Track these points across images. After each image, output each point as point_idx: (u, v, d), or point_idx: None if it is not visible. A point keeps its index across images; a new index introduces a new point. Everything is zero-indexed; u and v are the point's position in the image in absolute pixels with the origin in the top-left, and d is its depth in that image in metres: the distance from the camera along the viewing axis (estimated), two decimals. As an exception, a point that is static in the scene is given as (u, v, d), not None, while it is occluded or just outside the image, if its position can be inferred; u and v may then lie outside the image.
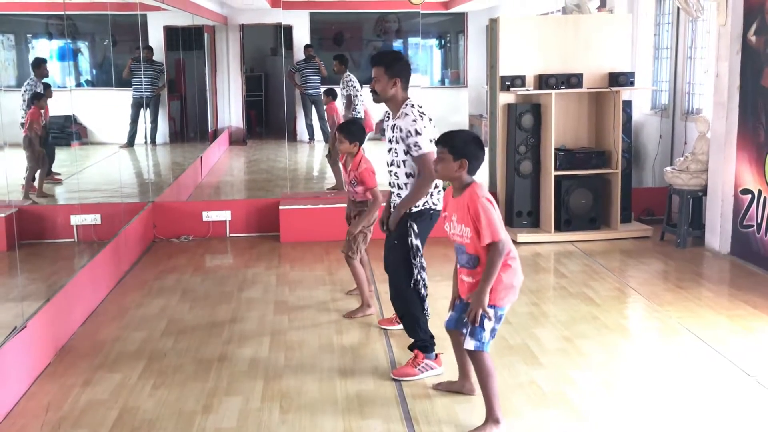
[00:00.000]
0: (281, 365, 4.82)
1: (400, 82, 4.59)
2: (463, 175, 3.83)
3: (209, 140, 14.25)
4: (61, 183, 10.30)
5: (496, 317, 3.85)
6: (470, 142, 3.87)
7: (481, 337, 3.81)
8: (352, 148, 5.55)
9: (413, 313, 4.62)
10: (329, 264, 7.10)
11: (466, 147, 3.84)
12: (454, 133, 3.95)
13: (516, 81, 7.89)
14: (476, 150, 3.86)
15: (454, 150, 3.82)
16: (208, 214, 8.14)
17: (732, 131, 6.97)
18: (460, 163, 3.80)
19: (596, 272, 6.77)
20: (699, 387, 4.46)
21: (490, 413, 3.87)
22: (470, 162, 3.81)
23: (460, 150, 3.82)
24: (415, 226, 4.58)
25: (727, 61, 6.92)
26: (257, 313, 5.80)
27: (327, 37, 16.39)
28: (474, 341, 3.82)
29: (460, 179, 3.85)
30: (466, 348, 3.87)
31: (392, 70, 4.57)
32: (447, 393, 4.34)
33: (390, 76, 4.57)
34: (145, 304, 6.05)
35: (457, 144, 3.84)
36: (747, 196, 6.83)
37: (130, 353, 5.05)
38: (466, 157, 3.80)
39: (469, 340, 3.84)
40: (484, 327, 3.81)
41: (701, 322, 5.48)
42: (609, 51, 8.02)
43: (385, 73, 4.57)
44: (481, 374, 3.89)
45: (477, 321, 3.74)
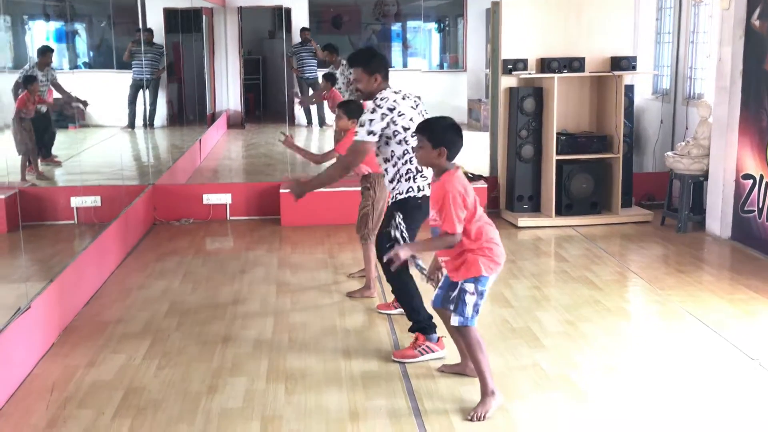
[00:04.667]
0: (285, 346, 4.83)
1: (379, 76, 4.71)
2: (442, 162, 3.89)
3: (207, 123, 14.21)
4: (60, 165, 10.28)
5: (478, 292, 3.90)
6: (448, 129, 3.93)
7: (464, 311, 3.89)
8: (350, 125, 5.65)
9: (407, 295, 4.69)
10: (330, 247, 7.10)
11: (445, 135, 3.90)
12: (432, 121, 4.05)
13: (518, 64, 7.87)
14: (454, 137, 3.92)
15: (432, 138, 3.88)
16: (209, 197, 8.14)
17: (734, 116, 6.97)
18: (438, 151, 3.87)
19: (597, 256, 6.79)
20: (701, 370, 4.48)
21: (484, 387, 3.93)
22: (449, 150, 3.87)
23: (439, 138, 3.88)
24: (398, 216, 4.52)
25: (730, 45, 6.91)
26: (260, 295, 5.81)
27: (326, 20, 16.31)
28: (458, 317, 3.91)
29: (438, 166, 3.92)
30: (452, 325, 3.97)
31: (370, 67, 4.71)
32: (451, 374, 4.36)
33: (369, 74, 4.71)
34: (148, 286, 6.05)
35: (436, 132, 3.90)
36: (748, 181, 6.83)
37: (133, 334, 5.05)
38: (445, 145, 3.86)
39: (453, 317, 3.94)
40: (466, 302, 3.89)
41: (703, 305, 5.50)
42: (611, 35, 7.99)
43: (364, 72, 4.72)
44: (470, 349, 3.96)
45: (394, 260, 3.83)
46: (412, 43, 17.32)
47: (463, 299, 3.87)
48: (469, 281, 3.87)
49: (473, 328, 3.92)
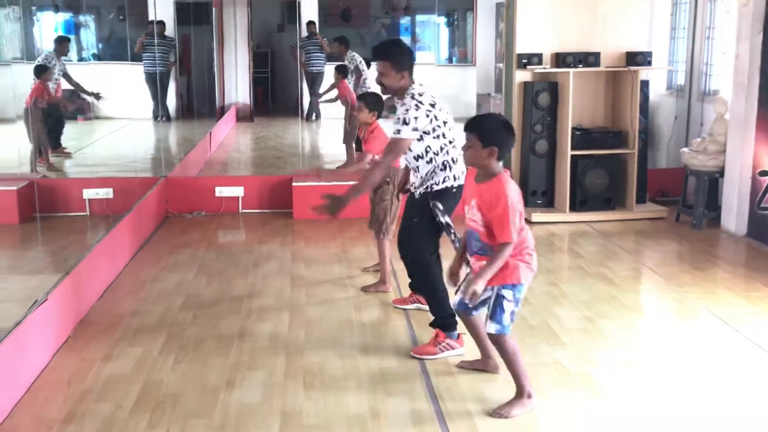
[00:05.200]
0: (302, 341, 4.79)
1: (407, 74, 4.54)
2: (492, 162, 3.67)
3: (217, 116, 14.18)
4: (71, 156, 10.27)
5: (515, 299, 3.80)
6: (500, 127, 3.71)
7: (501, 320, 3.78)
8: (371, 117, 5.63)
9: (435, 290, 4.60)
10: (343, 241, 7.07)
11: (496, 133, 3.67)
12: (483, 117, 3.84)
13: (533, 59, 7.81)
14: (507, 136, 3.70)
15: (483, 137, 3.65)
16: (221, 189, 8.11)
17: (752, 112, 6.92)
18: (489, 150, 3.64)
19: (613, 252, 6.74)
20: (720, 368, 4.44)
21: (522, 389, 3.86)
22: (500, 149, 3.65)
23: (490, 136, 3.65)
24: (439, 204, 4.53)
25: (748, 41, 6.85)
26: (274, 289, 5.78)
27: (334, 14, 16.25)
28: (495, 324, 3.79)
29: (488, 167, 3.70)
30: (488, 332, 3.84)
31: (400, 65, 4.50)
32: (470, 371, 4.32)
33: (398, 70, 4.51)
34: (161, 279, 6.02)
35: (486, 130, 3.67)
36: (765, 178, 6.78)
37: (149, 327, 5.02)
38: (496, 144, 3.63)
39: (490, 324, 3.80)
40: (504, 309, 3.77)
41: (720, 303, 5.46)
42: (626, 30, 7.93)
43: (392, 67, 4.50)
44: (506, 356, 3.87)
45: (471, 299, 3.66)
46: (421, 37, 17.26)
47: (501, 306, 3.76)
48: (507, 288, 3.75)
49: (508, 336, 3.82)
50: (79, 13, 13.58)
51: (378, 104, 5.58)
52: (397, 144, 4.46)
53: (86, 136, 11.81)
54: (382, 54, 4.56)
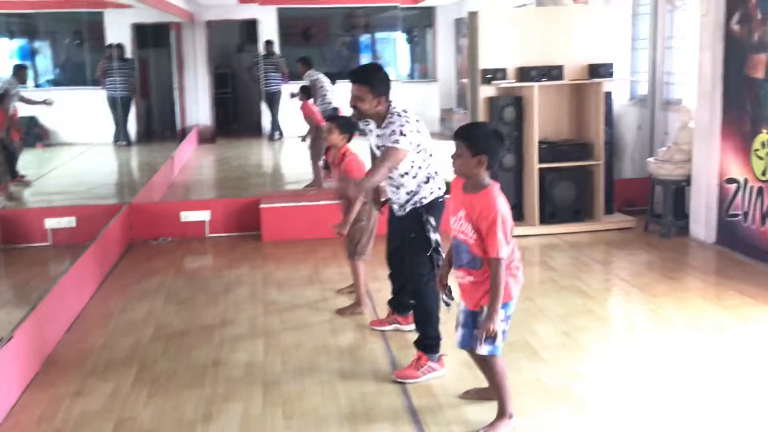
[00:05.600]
0: (278, 369, 4.69)
1: (384, 98, 4.43)
2: (482, 172, 3.61)
3: (178, 139, 14.02)
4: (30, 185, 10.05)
5: (506, 317, 3.74)
6: (490, 136, 3.63)
7: (492, 340, 3.70)
8: (341, 140, 5.52)
9: (428, 309, 4.52)
10: (315, 262, 6.97)
11: (486, 142, 3.59)
12: (472, 126, 3.78)
13: (497, 74, 7.81)
14: (497, 145, 3.62)
15: (472, 145, 3.58)
16: (186, 214, 7.96)
17: (716, 120, 6.98)
18: (478, 159, 3.57)
19: (585, 264, 6.74)
20: (703, 379, 4.42)
21: (503, 409, 3.80)
22: (490, 158, 3.58)
23: (480, 145, 3.57)
24: (432, 220, 4.46)
25: (710, 50, 6.92)
26: (247, 315, 5.66)
27: (295, 33, 16.22)
28: (488, 345, 3.71)
29: (477, 177, 3.62)
30: (480, 353, 3.76)
31: (377, 90, 4.39)
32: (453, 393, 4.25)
33: (375, 95, 4.39)
34: (130, 309, 5.87)
35: (476, 138, 3.60)
36: (732, 185, 6.84)
37: (119, 360, 4.88)
38: (486, 152, 3.56)
39: (483, 346, 3.71)
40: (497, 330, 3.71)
41: (696, 312, 5.46)
42: (588, 42, 7.96)
43: (370, 92, 4.38)
44: (495, 377, 3.81)
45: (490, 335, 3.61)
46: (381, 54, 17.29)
47: None
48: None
49: (499, 357, 3.76)
50: (35, 39, 13.37)
51: (349, 127, 5.49)
52: (397, 153, 4.31)
53: (46, 163, 11.60)
54: (360, 78, 4.44)
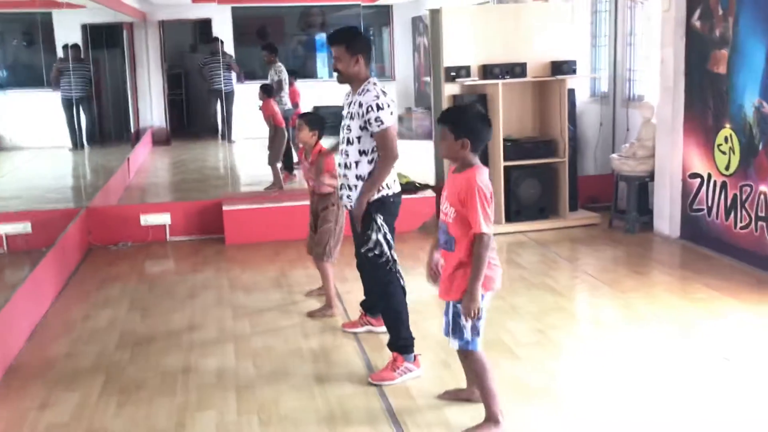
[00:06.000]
0: (251, 374, 4.57)
1: (362, 59, 4.43)
2: (467, 155, 3.59)
3: (132, 141, 13.73)
4: (-20, 191, 9.74)
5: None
6: (473, 118, 3.62)
7: (462, 335, 3.66)
8: (311, 137, 5.41)
9: (397, 309, 4.44)
10: (281, 265, 6.85)
11: (469, 124, 3.58)
12: (456, 109, 3.78)
13: (461, 72, 7.77)
14: (480, 127, 3.60)
15: (455, 128, 3.57)
16: (147, 218, 7.77)
17: (678, 116, 7.03)
18: (462, 142, 3.56)
19: (553, 261, 6.74)
20: (677, 372, 4.42)
21: (489, 413, 3.73)
22: (473, 141, 3.56)
23: (462, 128, 3.57)
24: (378, 219, 4.41)
25: (672, 46, 6.96)
26: (215, 320, 5.53)
27: (249, 32, 16.00)
28: (457, 341, 3.68)
29: (463, 159, 3.60)
30: (453, 347, 3.72)
31: (353, 48, 4.42)
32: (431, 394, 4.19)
33: (351, 54, 4.41)
34: (93, 316, 5.69)
35: (458, 121, 3.59)
36: (696, 180, 6.89)
37: (85, 369, 4.72)
38: (468, 135, 3.55)
39: (453, 341, 3.70)
40: (464, 324, 3.65)
41: (666, 307, 5.49)
42: (550, 40, 7.98)
43: (346, 51, 4.41)
44: (475, 373, 3.76)
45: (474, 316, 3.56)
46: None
47: (457, 322, 3.66)
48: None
49: (478, 351, 3.70)
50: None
51: (319, 123, 5.40)
52: (387, 134, 4.31)
53: (-4, 168, 11.27)
54: (337, 38, 4.47)
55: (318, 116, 5.46)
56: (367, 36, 4.72)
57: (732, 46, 6.30)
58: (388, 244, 4.40)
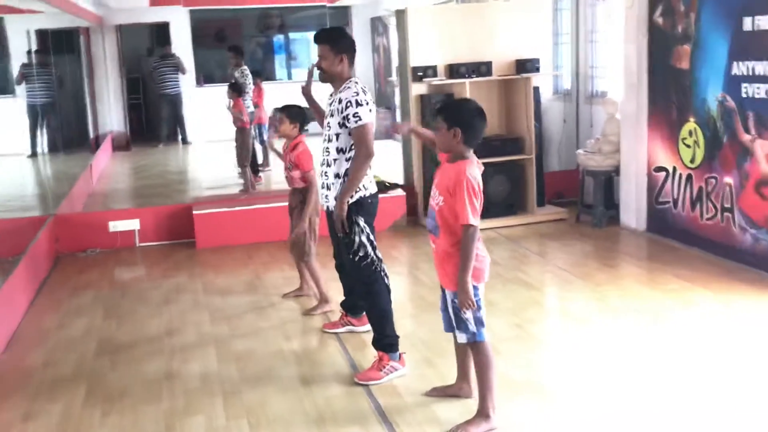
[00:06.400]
0: (236, 378, 4.56)
1: (346, 59, 4.48)
2: (460, 146, 3.64)
3: (92, 147, 13.55)
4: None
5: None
6: (466, 110, 3.70)
7: (467, 328, 3.73)
8: (292, 129, 5.42)
9: (382, 308, 4.47)
10: (255, 268, 6.83)
11: (461, 116, 3.65)
12: (451, 101, 3.93)
13: (428, 71, 7.83)
14: (472, 119, 3.66)
15: (447, 118, 3.64)
16: (115, 224, 7.68)
17: (642, 111, 7.16)
18: (453, 132, 3.62)
19: (525, 257, 6.83)
20: (657, 361, 4.52)
21: (482, 407, 3.77)
22: (465, 132, 3.61)
23: (454, 118, 3.64)
24: (360, 221, 4.44)
25: (635, 43, 7.10)
26: (193, 325, 5.50)
27: (207, 35, 15.90)
28: (463, 334, 3.75)
29: (456, 151, 3.65)
30: (460, 342, 3.79)
31: (338, 47, 4.47)
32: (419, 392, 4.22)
33: (336, 53, 4.46)
34: (67, 325, 5.62)
35: (452, 112, 3.67)
36: (661, 174, 7.04)
37: (66, 379, 4.66)
38: (459, 125, 3.61)
39: (459, 335, 3.78)
40: (467, 317, 3.72)
41: (640, 298, 5.60)
42: (514, 38, 8.08)
43: (331, 50, 4.46)
44: (478, 365, 3.80)
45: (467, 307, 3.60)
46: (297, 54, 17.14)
47: (460, 317, 3.72)
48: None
49: (484, 344, 3.76)
50: None
51: (300, 115, 5.37)
52: (364, 131, 4.33)
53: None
54: (322, 37, 4.54)
55: (298, 108, 5.42)
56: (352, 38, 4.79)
57: (694, 41, 6.45)
58: (372, 244, 4.43)
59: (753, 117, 5.88)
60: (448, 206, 3.64)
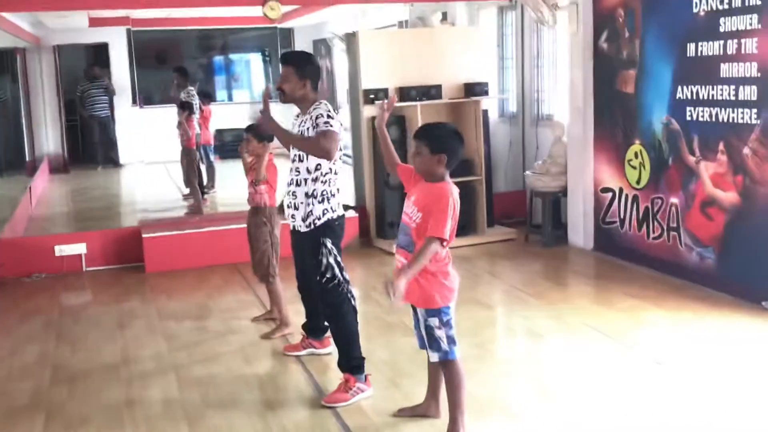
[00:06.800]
0: (199, 404, 4.49)
1: (309, 83, 4.48)
2: (441, 170, 3.69)
3: (28, 170, 13.23)
4: None
5: (444, 323, 3.79)
6: (450, 135, 3.73)
7: (440, 347, 3.76)
8: (261, 148, 5.39)
9: (349, 329, 4.47)
10: (208, 291, 6.76)
11: (446, 141, 3.68)
12: (433, 126, 3.85)
13: (379, 94, 7.91)
14: (456, 144, 3.72)
15: (432, 144, 3.65)
16: (62, 248, 7.51)
17: (589, 134, 7.36)
18: (438, 158, 3.65)
19: (479, 276, 6.92)
20: (617, 377, 4.63)
21: (453, 428, 3.80)
22: (449, 157, 3.66)
23: (439, 144, 3.66)
24: (327, 242, 4.46)
25: (581, 67, 7.30)
26: (150, 351, 5.40)
27: (148, 56, 15.75)
28: (436, 353, 3.78)
29: (436, 174, 3.69)
30: (432, 361, 3.82)
31: (302, 71, 4.47)
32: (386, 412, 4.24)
33: (300, 77, 4.46)
34: (20, 352, 5.47)
35: (436, 138, 3.67)
36: (608, 194, 7.22)
37: (22, 408, 4.53)
38: (445, 151, 3.65)
39: (432, 354, 3.80)
40: (437, 336, 3.76)
41: (594, 316, 5.71)
42: (463, 62, 8.23)
43: (295, 73, 4.46)
44: (449, 384, 3.84)
45: (389, 292, 3.54)
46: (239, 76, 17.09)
47: (432, 336, 3.76)
48: (432, 315, 3.75)
49: (456, 362, 3.80)
50: None
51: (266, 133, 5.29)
52: (331, 134, 4.25)
53: None
54: (288, 59, 4.57)
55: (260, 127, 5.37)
56: (317, 63, 4.80)
57: (639, 66, 6.67)
58: (339, 265, 4.45)
59: (697, 139, 6.10)
60: (425, 223, 3.66)
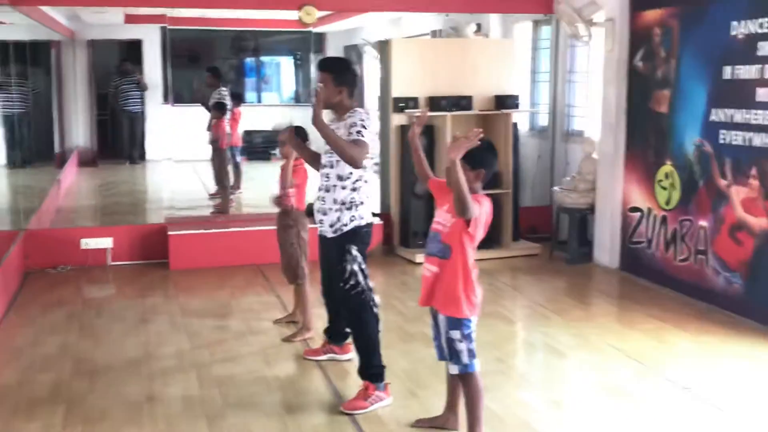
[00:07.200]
0: (219, 403, 4.51)
1: (346, 91, 4.48)
2: (478, 185, 3.74)
3: (57, 162, 13.35)
4: None
5: (465, 336, 3.79)
6: (486, 151, 3.78)
7: (460, 359, 3.76)
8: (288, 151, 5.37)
9: (370, 337, 4.46)
10: (231, 291, 6.78)
11: (483, 157, 3.74)
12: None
13: (409, 103, 7.91)
14: (492, 159, 3.83)
15: (471, 160, 3.67)
16: (87, 241, 7.56)
17: (620, 152, 7.31)
18: (476, 173, 3.71)
19: (501, 291, 6.88)
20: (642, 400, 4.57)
21: (472, 439, 3.80)
22: (487, 172, 3.75)
23: (477, 160, 3.70)
24: (353, 249, 4.46)
25: (615, 85, 7.26)
26: (173, 347, 5.42)
27: (181, 55, 15.84)
28: (456, 365, 3.78)
29: (474, 186, 3.70)
30: (452, 373, 3.81)
31: (340, 79, 4.46)
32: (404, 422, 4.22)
33: (336, 84, 4.45)
34: (41, 343, 5.51)
35: (474, 154, 3.68)
36: (636, 214, 7.17)
37: (43, 399, 4.56)
38: (483, 166, 3.73)
39: (452, 366, 3.82)
40: (458, 349, 3.77)
41: (617, 335, 5.66)
42: (494, 74, 8.21)
43: (332, 80, 4.45)
44: (468, 397, 3.84)
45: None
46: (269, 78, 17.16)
47: (453, 348, 3.76)
48: (454, 328, 3.75)
49: (475, 375, 3.80)
50: None
51: (304, 134, 5.27)
52: (362, 144, 4.28)
53: None
54: (326, 65, 4.59)
55: (302, 129, 5.35)
56: (355, 70, 4.81)
57: (674, 86, 6.62)
58: (363, 273, 4.44)
59: (730, 163, 6.04)
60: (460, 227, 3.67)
